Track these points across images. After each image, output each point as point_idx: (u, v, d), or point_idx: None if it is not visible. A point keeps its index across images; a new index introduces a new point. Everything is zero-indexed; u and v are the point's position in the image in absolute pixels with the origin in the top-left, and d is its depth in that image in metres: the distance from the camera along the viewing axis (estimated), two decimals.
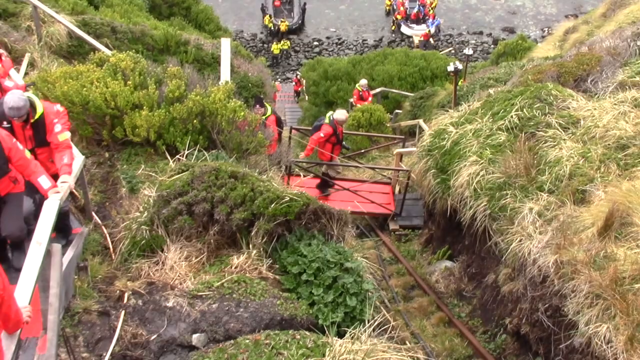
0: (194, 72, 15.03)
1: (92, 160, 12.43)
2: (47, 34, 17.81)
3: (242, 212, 9.79)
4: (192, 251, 10.00)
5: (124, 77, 12.87)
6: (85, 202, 10.98)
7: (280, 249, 10.07)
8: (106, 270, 9.88)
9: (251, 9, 64.65)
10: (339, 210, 10.57)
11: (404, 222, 18.66)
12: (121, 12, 24.20)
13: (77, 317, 8.74)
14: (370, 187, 19.53)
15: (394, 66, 36.22)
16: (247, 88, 18.90)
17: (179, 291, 9.27)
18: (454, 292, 14.80)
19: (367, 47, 59.67)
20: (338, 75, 37.48)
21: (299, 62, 56.43)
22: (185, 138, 12.15)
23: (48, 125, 9.45)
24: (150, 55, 18.81)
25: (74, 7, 20.64)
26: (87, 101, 12.29)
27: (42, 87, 12.83)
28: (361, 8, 65.72)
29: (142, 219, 10.19)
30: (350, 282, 9.62)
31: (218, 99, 12.47)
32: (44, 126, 9.47)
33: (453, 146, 14.84)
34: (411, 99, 30.61)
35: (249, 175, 10.23)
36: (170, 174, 10.66)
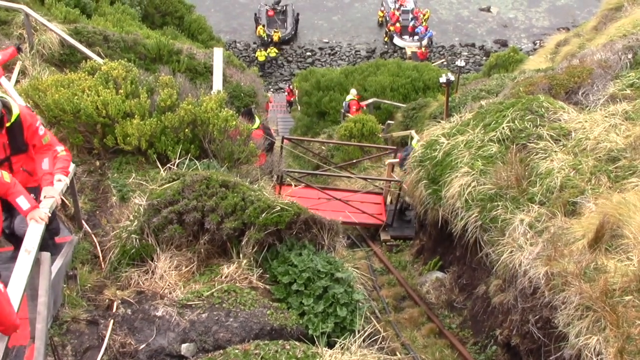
0: (186, 81, 15.04)
1: (82, 169, 12.41)
2: (38, 42, 17.78)
3: (232, 221, 9.76)
4: (182, 260, 9.97)
5: (116, 86, 12.85)
6: (75, 211, 10.93)
7: (271, 259, 10.04)
8: (95, 279, 9.84)
9: (244, 19, 64.77)
10: (330, 220, 10.55)
11: (395, 233, 18.66)
12: (114, 20, 24.21)
13: (65, 325, 8.69)
14: (362, 197, 19.53)
15: (387, 77, 36.32)
16: (239, 98, 18.89)
17: (169, 300, 9.23)
18: (445, 303, 14.79)
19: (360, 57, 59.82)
20: (330, 86, 37.54)
21: (291, 72, 56.52)
22: (177, 147, 12.13)
23: (26, 130, 8.61)
24: (142, 64, 18.79)
25: (66, 15, 20.64)
26: (78, 109, 12.27)
27: (33, 95, 12.80)
28: (354, 19, 65.90)
29: (132, 228, 10.16)
30: (341, 293, 9.59)
31: (210, 108, 12.46)
32: (20, 131, 8.59)
33: (444, 157, 14.84)
34: (403, 110, 30.64)
35: (240, 184, 10.21)
36: (161, 183, 10.63)
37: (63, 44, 18.16)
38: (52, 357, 8.09)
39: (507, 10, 68.41)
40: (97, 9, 25.41)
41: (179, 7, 31.61)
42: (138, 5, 29.20)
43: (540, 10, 68.47)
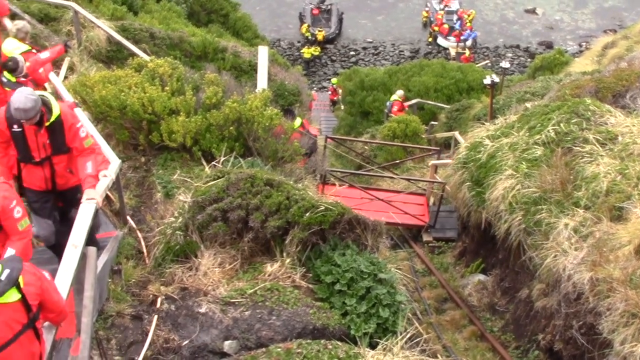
0: (231, 79, 15.10)
1: (128, 165, 12.50)
2: (86, 39, 17.98)
3: (276, 220, 9.77)
4: (226, 258, 9.99)
5: (162, 83, 12.94)
6: (121, 206, 11.03)
7: (314, 258, 10.03)
8: (140, 274, 9.91)
9: (289, 17, 64.80)
10: (374, 221, 10.52)
11: (438, 234, 18.57)
12: (160, 18, 24.37)
13: (110, 320, 8.78)
14: (404, 198, 19.46)
15: (430, 78, 36.13)
16: (283, 96, 18.92)
17: (212, 297, 9.27)
18: (487, 306, 14.69)
19: (404, 58, 59.51)
20: (374, 86, 37.41)
21: (335, 72, 56.37)
22: (221, 144, 12.18)
23: (67, 130, 8.43)
24: (188, 62, 18.92)
25: (114, 12, 20.83)
26: (124, 106, 12.37)
27: (81, 91, 12.93)
28: (398, 19, 65.63)
29: (176, 224, 10.21)
30: (384, 294, 9.56)
31: (255, 106, 12.49)
32: (61, 130, 8.41)
33: (489, 159, 14.74)
34: (447, 111, 30.51)
35: (285, 183, 10.22)
36: (205, 180, 10.66)
37: (110, 40, 18.33)
38: (97, 351, 8.19)
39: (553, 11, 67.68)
40: (144, 7, 25.60)
41: (225, 5, 31.72)
42: (184, 3, 29.37)
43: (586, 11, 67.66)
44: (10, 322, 5.45)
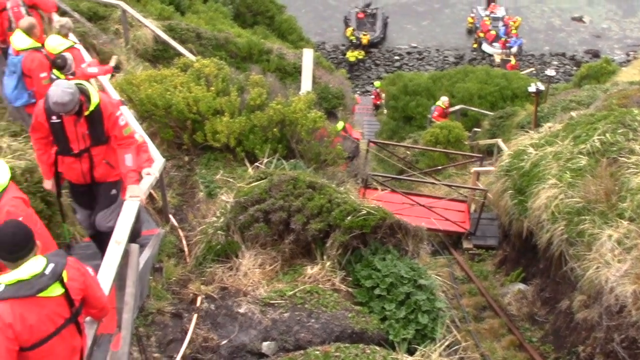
0: (276, 81, 15.17)
1: (171, 164, 12.60)
2: (134, 38, 18.17)
3: (318, 222, 9.76)
4: (267, 259, 10.00)
5: (207, 83, 13.03)
6: (163, 204, 11.11)
7: (355, 262, 10.00)
8: (181, 272, 9.96)
9: (334, 20, 64.88)
10: (415, 227, 10.47)
11: (478, 242, 18.46)
12: (206, 18, 24.54)
13: (150, 317, 8.84)
14: (445, 204, 19.37)
15: (475, 84, 35.96)
16: (327, 99, 18.94)
17: (252, 298, 9.29)
18: (526, 315, 14.56)
19: (448, 63, 59.31)
20: (418, 91, 37.33)
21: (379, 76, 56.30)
22: (265, 146, 12.23)
23: (106, 119, 8.30)
24: (233, 63, 19.03)
25: (161, 12, 21.04)
26: (169, 105, 12.47)
27: (127, 90, 13.04)
28: (443, 25, 65.43)
29: (218, 224, 10.25)
30: (423, 300, 9.51)
31: (299, 108, 12.52)
32: (100, 120, 8.28)
33: (532, 168, 14.63)
34: (490, 118, 30.34)
35: (327, 186, 10.22)
36: (248, 181, 10.70)
37: (157, 40, 18.51)
38: (136, 347, 8.23)
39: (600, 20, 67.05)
40: (191, 7, 25.81)
41: (270, 7, 31.86)
42: (230, 4, 29.57)
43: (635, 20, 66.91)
44: (53, 315, 5.49)
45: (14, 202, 6.60)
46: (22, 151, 10.46)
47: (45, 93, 10.48)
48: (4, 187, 6.57)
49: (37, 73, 10.96)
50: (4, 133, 11.15)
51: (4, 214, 6.47)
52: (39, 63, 10.99)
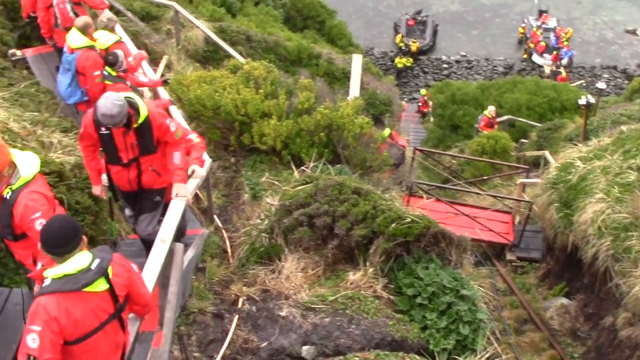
0: (324, 85, 15.18)
1: (218, 164, 12.68)
2: (185, 38, 18.32)
3: (362, 228, 9.74)
4: (309, 263, 10.01)
5: (256, 86, 13.08)
6: (209, 205, 11.19)
7: (397, 270, 9.98)
8: (223, 273, 10.02)
9: (384, 27, 64.81)
10: (459, 236, 10.42)
11: (522, 254, 18.31)
12: (257, 21, 24.65)
13: (192, 316, 8.89)
14: (490, 214, 19.23)
15: (523, 95, 35.65)
16: (374, 105, 18.92)
17: (293, 301, 9.30)
18: (568, 330, 14.40)
19: (497, 73, 58.91)
20: (465, 100, 37.13)
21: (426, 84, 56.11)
22: (311, 150, 12.25)
23: (156, 130, 8.31)
24: (282, 66, 19.08)
25: (213, 14, 21.18)
26: (218, 106, 12.55)
27: (177, 90, 13.14)
28: (493, 34, 65.04)
29: (262, 227, 10.29)
30: (465, 310, 9.46)
31: (346, 114, 12.52)
32: (149, 131, 8.29)
33: (579, 181, 14.47)
34: (538, 130, 30.06)
35: (372, 192, 10.20)
36: (294, 185, 10.71)
37: (207, 41, 18.64)
38: (177, 346, 8.28)
39: None
40: (242, 9, 25.95)
41: (321, 12, 31.95)
42: (281, 7, 29.68)
43: None
44: (97, 310, 5.54)
45: (33, 196, 6.54)
46: (72, 147, 10.59)
47: (98, 91, 10.67)
48: (27, 180, 6.53)
49: (91, 71, 11.11)
50: (55, 129, 11.29)
51: (22, 208, 6.48)
52: (93, 61, 11.14)
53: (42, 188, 6.72)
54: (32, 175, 6.62)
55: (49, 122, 11.60)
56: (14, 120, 11.05)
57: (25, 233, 6.63)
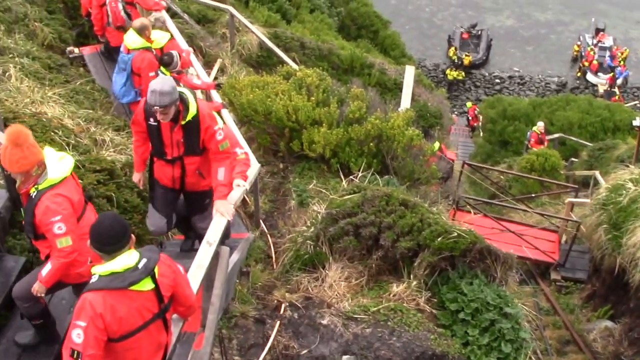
0: (376, 95, 15.15)
1: (266, 170, 12.71)
2: (239, 43, 18.42)
3: (408, 241, 9.71)
4: (353, 272, 10.01)
5: (308, 93, 13.11)
6: (255, 210, 11.22)
7: (441, 284, 9.93)
8: (266, 278, 10.03)
9: (437, 39, 64.53)
10: (505, 253, 10.35)
11: (567, 274, 18.11)
12: (311, 28, 24.70)
13: (234, 320, 8.91)
14: (536, 232, 19.06)
15: (576, 113, 35.27)
16: (425, 118, 18.85)
17: (335, 310, 9.30)
18: (612, 354, 14.20)
19: (549, 90, 58.31)
20: (516, 116, 36.82)
21: (478, 98, 55.76)
22: (360, 159, 12.23)
23: (203, 130, 8.07)
24: (334, 74, 19.10)
25: (267, 19, 21.27)
26: (269, 111, 12.60)
27: (229, 93, 13.22)
28: (548, 51, 64.43)
29: (308, 234, 10.30)
30: (508, 328, 9.38)
31: (397, 125, 12.50)
32: (197, 131, 8.07)
33: (630, 204, 14.29)
34: (589, 149, 29.73)
35: (420, 205, 10.16)
36: (341, 193, 10.71)
37: (261, 46, 18.73)
38: (218, 348, 8.32)
39: None
40: (297, 16, 26.01)
41: (375, 22, 31.95)
42: (336, 16, 29.73)
43: None
44: (142, 310, 5.59)
45: (56, 199, 6.55)
46: (124, 146, 10.73)
47: None
48: (53, 182, 6.55)
49: (146, 72, 11.26)
50: (108, 127, 11.44)
51: (43, 208, 6.52)
52: (148, 62, 11.29)
53: (69, 192, 6.76)
54: (60, 178, 6.68)
55: (103, 120, 11.77)
56: (69, 117, 11.23)
57: (44, 234, 6.71)
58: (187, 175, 8.49)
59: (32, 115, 10.51)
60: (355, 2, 31.82)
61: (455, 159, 24.17)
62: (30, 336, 7.55)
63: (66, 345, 5.33)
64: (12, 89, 11.44)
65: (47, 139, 9.96)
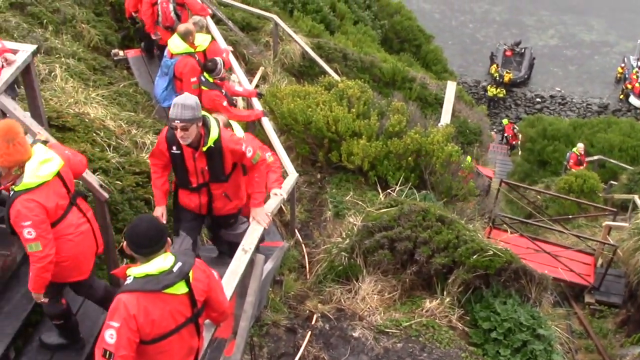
0: (417, 110, 15.13)
1: (304, 179, 12.75)
2: (282, 52, 18.50)
3: (443, 257, 9.68)
4: (386, 286, 9.99)
5: (349, 104, 13.13)
6: (291, 219, 11.24)
7: (474, 302, 9.88)
8: (299, 288, 10.04)
9: (480, 55, 64.34)
10: (541, 274, 10.27)
11: (601, 298, 17.93)
12: (354, 40, 24.71)
13: (265, 328, 8.93)
14: (571, 254, 18.90)
15: (617, 136, 34.92)
16: (464, 134, 18.80)
17: (367, 323, 9.29)
18: None
19: (591, 112, 57.87)
20: (556, 136, 36.55)
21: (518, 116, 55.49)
22: (398, 173, 12.23)
23: (230, 155, 7.91)
24: (375, 87, 19.12)
25: (311, 29, 21.33)
26: (309, 121, 12.63)
27: (270, 102, 13.28)
28: (591, 71, 63.99)
29: (343, 245, 10.30)
30: (540, 350, 9.29)
31: (436, 140, 12.48)
32: (220, 157, 7.88)
33: None
34: (629, 173, 29.40)
35: (456, 222, 10.12)
36: (378, 207, 10.70)
37: (304, 56, 18.80)
38: (248, 356, 8.33)
39: None
40: (341, 27, 26.04)
41: (419, 36, 31.89)
42: (380, 28, 29.74)
43: None
44: (175, 313, 5.61)
45: (29, 204, 6.45)
46: None
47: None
48: (29, 187, 6.50)
49: (187, 77, 11.33)
50: (149, 130, 11.53)
51: (15, 211, 6.47)
52: (190, 68, 11.36)
53: (45, 197, 6.62)
54: (36, 183, 6.57)
55: (144, 123, 11.86)
56: (111, 118, 11.33)
57: None
58: (214, 200, 8.34)
59: (75, 115, 10.62)
60: (399, 16, 31.79)
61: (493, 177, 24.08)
62: (55, 336, 7.61)
63: (99, 345, 5.37)
64: (57, 88, 11.58)
65: (89, 140, 10.08)
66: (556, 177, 29.56)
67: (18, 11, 13.30)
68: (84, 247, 7.03)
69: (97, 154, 9.71)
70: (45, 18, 13.62)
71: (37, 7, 13.66)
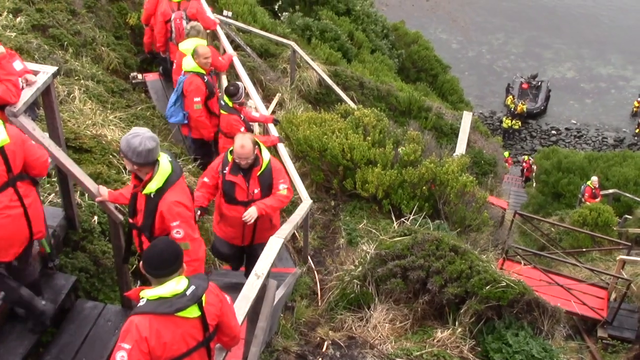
0: (432, 139, 15.15)
1: (317, 206, 12.74)
2: (299, 78, 18.56)
3: (455, 287, 9.65)
4: (398, 315, 9.96)
5: (365, 132, 13.17)
6: (304, 245, 11.24)
7: (486, 333, 9.83)
8: (311, 315, 10.02)
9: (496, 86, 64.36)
10: (554, 307, 10.23)
11: (614, 332, 17.82)
12: (371, 69, 24.77)
13: (275, 354, 8.89)
14: (584, 288, 18.81)
15: (632, 170, 34.81)
16: (479, 164, 18.81)
17: (378, 352, 9.25)
18: None
19: (606, 145, 57.77)
20: (571, 169, 36.48)
21: (533, 148, 55.47)
22: (412, 202, 12.24)
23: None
24: (391, 115, 19.16)
25: (328, 57, 21.38)
26: (325, 148, 12.66)
27: (286, 128, 13.32)
28: (607, 105, 63.88)
29: (355, 273, 10.29)
30: None
31: (451, 170, 12.50)
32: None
33: None
34: None
35: (470, 252, 10.10)
36: (392, 235, 10.71)
37: (321, 83, 18.85)
38: None
39: None
40: (358, 55, 26.12)
41: (435, 66, 31.96)
42: (397, 57, 29.81)
43: None
44: (186, 336, 5.61)
45: None
46: None
47: (195, 118, 11.06)
48: None
49: (191, 96, 11.47)
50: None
51: None
52: (195, 87, 11.48)
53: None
54: None
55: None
56: None
57: None
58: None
59: (92, 137, 10.68)
60: (416, 45, 31.88)
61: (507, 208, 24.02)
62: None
63: None
64: (75, 110, 11.65)
65: (106, 162, 10.13)
66: (570, 209, 29.46)
67: (40, 33, 13.41)
68: (9, 231, 6.68)
69: (113, 175, 9.76)
70: (66, 40, 13.73)
71: (59, 29, 13.77)
